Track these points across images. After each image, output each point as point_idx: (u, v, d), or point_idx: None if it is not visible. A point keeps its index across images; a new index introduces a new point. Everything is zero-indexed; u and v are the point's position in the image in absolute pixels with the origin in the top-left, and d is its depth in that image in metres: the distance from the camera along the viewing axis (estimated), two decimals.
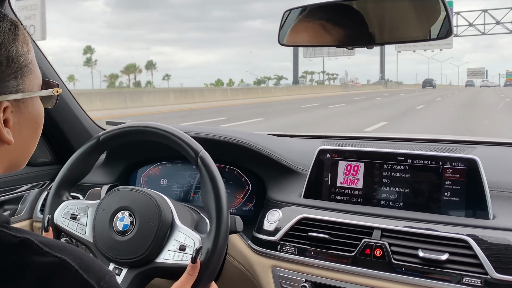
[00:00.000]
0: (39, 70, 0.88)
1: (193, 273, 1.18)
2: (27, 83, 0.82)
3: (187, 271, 1.18)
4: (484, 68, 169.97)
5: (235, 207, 1.80)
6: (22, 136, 0.83)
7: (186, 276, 1.17)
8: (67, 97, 1.96)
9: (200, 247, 1.21)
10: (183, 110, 20.59)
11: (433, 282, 1.28)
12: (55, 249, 0.72)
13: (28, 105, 0.83)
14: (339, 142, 1.87)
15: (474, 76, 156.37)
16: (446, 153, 1.47)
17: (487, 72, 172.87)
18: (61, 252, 0.71)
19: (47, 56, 1.83)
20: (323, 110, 21.74)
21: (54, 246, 0.72)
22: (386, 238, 1.37)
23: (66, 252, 0.72)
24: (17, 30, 0.80)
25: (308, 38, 1.47)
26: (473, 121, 14.86)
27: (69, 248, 0.73)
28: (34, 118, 0.86)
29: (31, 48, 0.84)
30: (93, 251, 1.34)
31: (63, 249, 0.72)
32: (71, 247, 0.74)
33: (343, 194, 1.54)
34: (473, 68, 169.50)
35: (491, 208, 1.34)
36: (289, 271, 1.48)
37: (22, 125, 0.83)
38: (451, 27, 1.29)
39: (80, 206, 1.39)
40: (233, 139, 1.76)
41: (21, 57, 0.80)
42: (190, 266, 1.18)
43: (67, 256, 0.71)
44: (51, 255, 0.70)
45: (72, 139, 2.00)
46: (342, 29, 1.40)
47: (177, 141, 1.33)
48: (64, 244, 0.74)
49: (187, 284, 1.17)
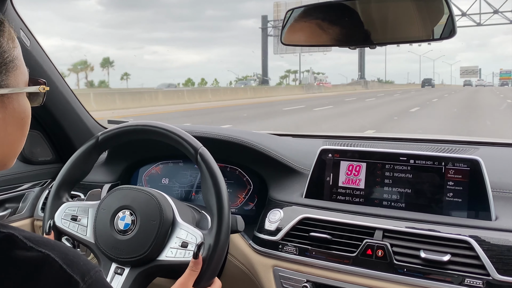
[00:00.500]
0: (25, 67, 0.88)
1: (196, 269, 1.18)
2: (12, 79, 0.82)
3: (190, 267, 1.18)
4: (478, 66, 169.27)
5: (237, 206, 1.80)
6: (7, 132, 0.83)
7: (189, 272, 1.18)
8: (69, 96, 1.96)
9: (202, 243, 1.21)
10: (123, 116, 17.49)
11: (434, 283, 1.27)
12: (40, 244, 0.72)
13: (13, 101, 0.83)
14: (341, 142, 1.87)
15: (467, 74, 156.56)
16: (448, 154, 1.47)
17: (480, 71, 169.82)
18: (45, 247, 0.72)
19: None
20: (251, 123, 15.26)
21: (38, 241, 0.72)
22: (388, 239, 1.37)
23: (50, 247, 0.72)
24: (2, 27, 0.81)
25: (310, 38, 1.46)
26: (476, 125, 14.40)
27: (53, 244, 0.74)
28: (19, 115, 0.85)
29: (17, 44, 0.84)
30: (95, 251, 1.34)
31: (48, 244, 0.73)
32: (56, 243, 0.75)
33: (345, 194, 1.54)
34: (466, 67, 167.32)
35: (494, 209, 1.33)
36: (290, 271, 1.48)
37: (7, 121, 0.82)
38: (455, 27, 1.28)
39: (81, 207, 1.39)
40: (235, 138, 1.75)
41: (6, 53, 0.80)
42: (193, 261, 1.18)
43: (51, 251, 0.71)
44: (35, 250, 0.71)
45: (73, 138, 2.00)
46: (345, 29, 1.40)
47: (176, 138, 1.33)
48: (49, 240, 0.74)
49: (190, 280, 1.17)
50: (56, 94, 1.89)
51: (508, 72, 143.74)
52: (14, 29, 0.85)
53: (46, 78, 1.81)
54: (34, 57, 1.74)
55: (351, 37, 1.40)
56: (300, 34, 1.47)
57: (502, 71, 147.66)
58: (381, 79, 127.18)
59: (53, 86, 1.86)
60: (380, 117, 17.45)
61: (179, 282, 1.17)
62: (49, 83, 1.81)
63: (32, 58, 1.72)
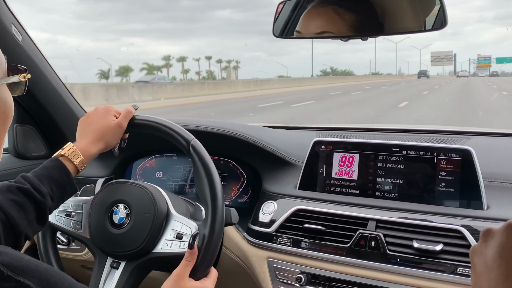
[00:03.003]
0: (3, 57, 0.84)
1: (191, 259, 1.18)
2: None
3: (185, 257, 1.18)
4: (452, 51, 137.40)
5: (231, 199, 1.81)
6: None
7: (185, 262, 1.17)
8: (62, 91, 1.96)
9: (197, 233, 1.21)
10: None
11: (427, 272, 1.28)
12: (18, 271, 0.66)
13: None
14: (334, 133, 1.87)
15: (440, 61, 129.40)
16: (440, 144, 1.48)
17: (455, 57, 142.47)
18: (25, 275, 0.66)
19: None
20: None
21: (17, 268, 0.66)
22: (381, 229, 1.38)
23: (30, 274, 0.67)
24: None
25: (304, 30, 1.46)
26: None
27: (34, 269, 0.68)
28: (0, 108, 0.82)
29: None
30: (90, 246, 1.34)
31: (28, 271, 0.67)
32: (38, 267, 0.69)
33: (338, 185, 1.55)
34: (438, 52, 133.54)
35: (485, 199, 1.34)
36: (285, 262, 1.49)
37: None
38: (446, 18, 1.28)
39: (74, 203, 1.39)
40: (228, 131, 1.76)
41: None
42: (188, 252, 1.18)
43: (31, 280, 0.66)
44: (13, 279, 0.65)
45: (67, 133, 1.99)
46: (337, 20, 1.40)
47: (167, 131, 1.33)
48: (29, 264, 0.68)
49: (185, 271, 1.17)
50: (49, 89, 1.89)
51: (487, 59, 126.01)
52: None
53: (39, 73, 1.81)
54: (26, 52, 1.73)
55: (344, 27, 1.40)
56: (292, 27, 1.47)
57: (480, 57, 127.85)
58: (335, 69, 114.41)
59: (46, 81, 1.86)
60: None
61: (175, 273, 1.16)
62: (42, 78, 1.83)
63: (24, 53, 1.72)
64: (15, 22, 1.67)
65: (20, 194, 1.09)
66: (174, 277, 1.16)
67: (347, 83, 55.13)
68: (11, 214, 1.04)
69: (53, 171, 1.19)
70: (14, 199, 1.07)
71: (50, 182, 1.16)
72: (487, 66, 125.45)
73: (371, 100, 22.98)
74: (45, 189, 1.13)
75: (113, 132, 1.31)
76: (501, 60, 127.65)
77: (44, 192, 1.12)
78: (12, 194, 1.08)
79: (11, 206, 1.05)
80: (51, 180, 1.16)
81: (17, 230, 1.05)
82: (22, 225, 1.06)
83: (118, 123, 1.31)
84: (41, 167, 1.19)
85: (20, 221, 1.05)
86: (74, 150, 1.24)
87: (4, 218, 1.03)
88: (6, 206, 1.05)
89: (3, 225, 1.03)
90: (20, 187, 1.10)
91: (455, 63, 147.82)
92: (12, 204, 1.06)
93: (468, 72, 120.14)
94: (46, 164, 1.20)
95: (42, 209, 1.11)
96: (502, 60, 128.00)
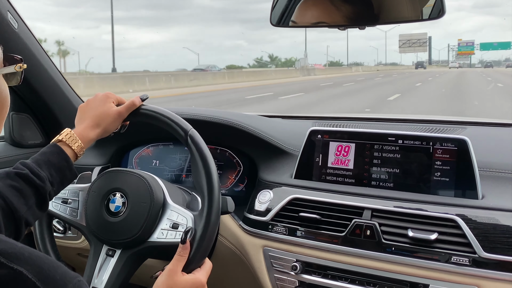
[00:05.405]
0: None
1: (184, 254, 1.18)
2: None
3: (178, 252, 1.18)
4: (426, 33, 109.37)
5: (227, 188, 1.81)
6: None
7: (177, 257, 1.17)
8: (58, 78, 1.95)
9: (190, 229, 1.21)
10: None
11: (422, 261, 1.29)
12: (12, 258, 0.66)
13: None
14: (330, 123, 1.88)
15: (411, 47, 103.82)
16: (436, 134, 1.48)
17: (430, 40, 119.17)
18: (18, 263, 0.66)
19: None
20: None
21: (10, 255, 0.66)
22: (376, 218, 1.38)
23: (23, 262, 0.66)
24: None
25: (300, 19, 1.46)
26: None
27: (27, 257, 0.68)
28: None
29: None
30: (86, 234, 1.35)
31: (21, 258, 0.67)
32: (31, 255, 0.69)
33: (334, 174, 1.55)
34: (408, 35, 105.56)
35: (480, 188, 1.35)
36: (280, 251, 1.50)
37: None
38: (444, 7, 1.28)
39: (71, 190, 1.39)
40: (225, 120, 1.75)
41: None
42: (180, 247, 1.18)
43: (24, 267, 0.65)
44: (6, 266, 0.65)
45: (63, 121, 1.99)
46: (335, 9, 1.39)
47: (166, 121, 1.32)
48: (23, 252, 0.68)
49: (178, 266, 1.17)
50: (45, 77, 1.88)
51: (469, 45, 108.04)
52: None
53: (34, 61, 1.80)
54: (22, 39, 1.72)
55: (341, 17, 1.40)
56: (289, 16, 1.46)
57: (462, 42, 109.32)
58: (276, 57, 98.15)
59: (42, 69, 1.85)
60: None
61: (168, 269, 1.16)
62: (37, 66, 1.82)
63: (20, 40, 1.71)
64: (11, 10, 1.66)
65: (18, 179, 1.09)
66: (167, 272, 1.16)
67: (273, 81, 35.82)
68: (10, 199, 1.04)
69: (52, 156, 1.19)
70: (12, 184, 1.07)
71: (49, 167, 1.16)
72: (470, 53, 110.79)
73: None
74: (44, 174, 1.13)
75: (112, 119, 1.30)
76: (486, 46, 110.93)
77: (43, 177, 1.12)
78: (10, 180, 1.08)
79: (10, 192, 1.06)
80: (50, 165, 1.16)
81: (17, 216, 1.05)
82: (22, 210, 1.06)
83: (118, 111, 1.31)
84: (39, 153, 1.19)
85: (19, 207, 1.05)
86: (72, 135, 1.24)
87: (3, 204, 1.04)
88: (5, 192, 1.05)
89: (2, 211, 1.03)
90: (19, 173, 1.10)
91: (430, 49, 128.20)
92: (11, 189, 1.06)
93: (458, 63, 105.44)
94: (44, 150, 1.20)
95: (41, 194, 1.12)
96: (487, 46, 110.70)
